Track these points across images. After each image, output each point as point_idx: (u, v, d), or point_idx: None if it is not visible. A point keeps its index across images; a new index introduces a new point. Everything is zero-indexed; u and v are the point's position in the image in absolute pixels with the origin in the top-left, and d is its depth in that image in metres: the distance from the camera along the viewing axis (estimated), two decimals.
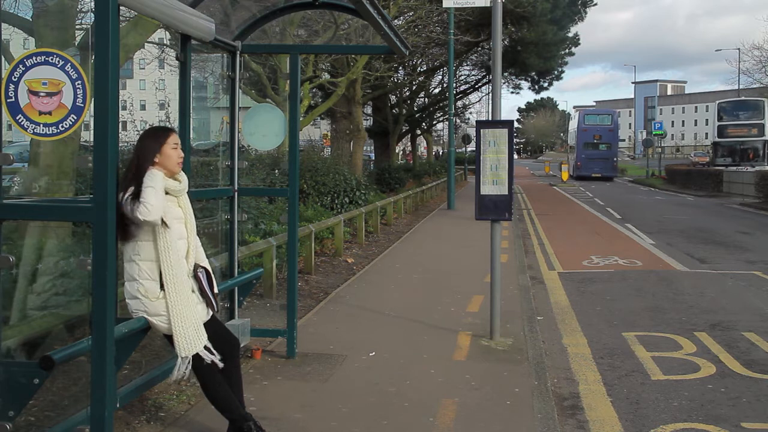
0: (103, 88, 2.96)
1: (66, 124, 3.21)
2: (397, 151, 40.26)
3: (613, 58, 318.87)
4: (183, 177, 3.91)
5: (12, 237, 5.22)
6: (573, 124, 57.14)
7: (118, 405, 3.77)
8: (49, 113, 3.19)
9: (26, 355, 4.62)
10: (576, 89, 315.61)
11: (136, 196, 3.60)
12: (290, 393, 5.14)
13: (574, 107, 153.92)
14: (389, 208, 17.71)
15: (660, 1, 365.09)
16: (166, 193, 3.77)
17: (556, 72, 36.70)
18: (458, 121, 44.18)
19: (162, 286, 3.71)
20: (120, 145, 4.33)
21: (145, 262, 3.70)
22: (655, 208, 24.09)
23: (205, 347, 3.81)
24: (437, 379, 5.51)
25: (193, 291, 3.87)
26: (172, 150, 3.80)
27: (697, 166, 43.26)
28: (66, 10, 6.33)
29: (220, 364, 3.88)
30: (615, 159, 47.71)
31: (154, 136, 3.81)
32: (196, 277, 3.92)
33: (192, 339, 3.72)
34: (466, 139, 39.71)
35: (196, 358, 3.79)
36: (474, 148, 7.47)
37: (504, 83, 37.02)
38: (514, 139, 8.25)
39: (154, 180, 3.65)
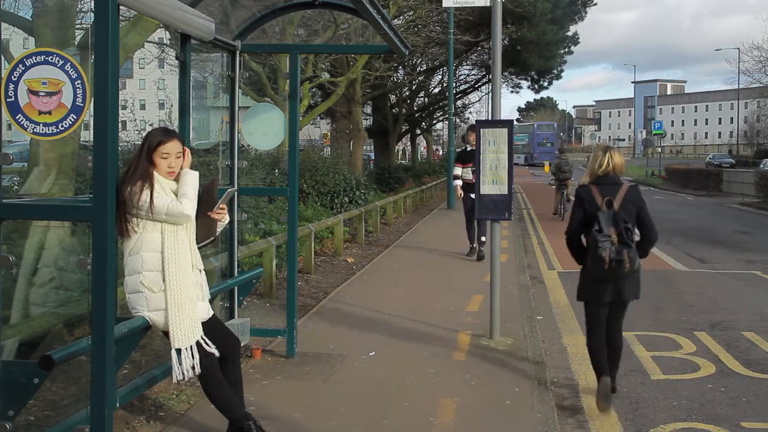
0: (103, 88, 2.96)
1: (66, 124, 3.21)
2: (396, 150, 40.23)
3: (614, 58, 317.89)
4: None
5: (12, 237, 5.22)
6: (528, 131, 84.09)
7: (117, 404, 3.77)
8: (49, 113, 3.19)
9: (26, 354, 4.62)
10: (577, 89, 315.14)
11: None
12: (290, 393, 5.14)
13: (574, 107, 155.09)
14: (389, 207, 17.69)
15: (661, 2, 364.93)
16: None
17: (555, 71, 36.70)
18: (458, 120, 44.13)
19: (164, 278, 3.70)
20: (120, 144, 4.33)
21: (149, 254, 3.69)
22: (654, 208, 23.89)
23: (203, 338, 3.82)
24: (437, 379, 5.51)
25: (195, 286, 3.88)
26: (161, 159, 3.72)
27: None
28: (66, 9, 6.32)
29: (217, 353, 3.89)
30: (555, 152, 77.65)
31: (154, 137, 3.76)
32: None
33: (187, 331, 3.72)
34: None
35: (203, 355, 3.79)
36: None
37: (504, 83, 36.95)
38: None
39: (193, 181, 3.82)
